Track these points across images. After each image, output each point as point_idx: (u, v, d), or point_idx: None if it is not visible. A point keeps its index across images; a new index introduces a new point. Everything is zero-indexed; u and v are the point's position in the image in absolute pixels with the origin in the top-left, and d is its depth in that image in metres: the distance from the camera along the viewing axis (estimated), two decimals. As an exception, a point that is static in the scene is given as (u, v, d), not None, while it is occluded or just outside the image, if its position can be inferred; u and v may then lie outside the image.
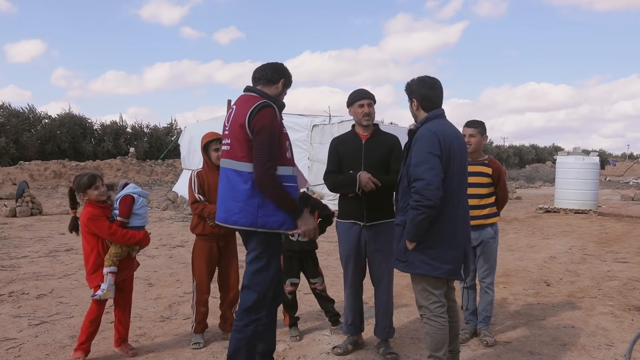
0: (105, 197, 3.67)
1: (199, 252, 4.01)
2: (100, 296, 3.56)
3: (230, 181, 2.91)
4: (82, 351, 3.61)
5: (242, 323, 2.96)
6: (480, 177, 4.03)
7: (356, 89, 3.84)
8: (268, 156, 2.80)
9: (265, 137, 2.80)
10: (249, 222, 2.87)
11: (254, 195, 2.84)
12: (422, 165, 2.90)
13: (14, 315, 4.64)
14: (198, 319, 4.00)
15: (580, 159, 13.43)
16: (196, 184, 3.90)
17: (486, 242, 4.05)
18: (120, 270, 3.66)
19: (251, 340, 2.97)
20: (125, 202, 3.68)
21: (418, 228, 2.92)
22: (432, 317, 3.05)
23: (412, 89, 3.16)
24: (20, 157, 26.81)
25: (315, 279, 4.25)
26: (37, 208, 12.70)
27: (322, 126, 13.39)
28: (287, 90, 3.14)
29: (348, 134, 3.88)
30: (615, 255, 7.82)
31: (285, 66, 3.14)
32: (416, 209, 2.90)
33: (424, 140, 2.96)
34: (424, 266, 2.99)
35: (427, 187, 2.86)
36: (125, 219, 3.67)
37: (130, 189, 3.78)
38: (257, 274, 2.95)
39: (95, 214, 3.58)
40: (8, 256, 7.39)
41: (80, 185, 3.58)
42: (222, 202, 2.99)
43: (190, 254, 7.60)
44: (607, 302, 5.21)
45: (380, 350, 3.78)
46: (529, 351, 3.88)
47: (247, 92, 3.04)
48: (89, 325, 3.62)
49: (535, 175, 34.28)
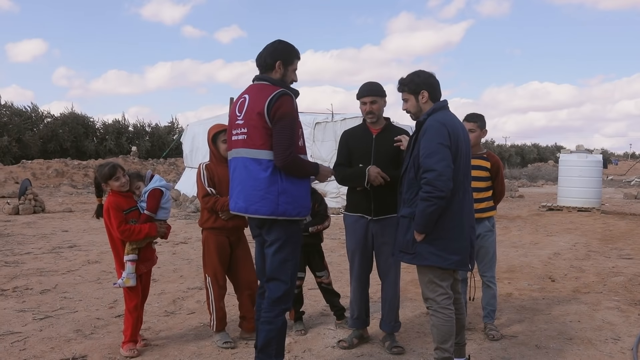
0: (126, 188, 3.64)
1: (211, 246, 3.83)
2: (120, 284, 3.57)
3: (250, 170, 2.88)
4: (133, 343, 3.64)
5: (273, 314, 2.94)
6: (478, 171, 4.02)
7: (365, 83, 3.77)
8: (289, 142, 2.81)
9: (287, 124, 2.81)
10: (270, 210, 2.84)
11: (274, 182, 2.83)
12: (433, 156, 2.88)
13: (18, 309, 4.64)
14: (219, 315, 3.84)
15: (584, 156, 13.39)
16: (206, 177, 3.79)
17: (484, 235, 4.04)
18: (143, 260, 3.65)
19: (282, 331, 2.97)
20: (154, 197, 3.66)
21: (428, 219, 2.91)
22: (439, 310, 3.03)
23: (418, 81, 3.13)
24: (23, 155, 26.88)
25: (321, 272, 4.24)
26: (40, 206, 12.71)
27: (324, 124, 13.38)
28: (291, 67, 2.99)
29: (359, 128, 3.86)
30: (620, 252, 7.80)
31: (282, 43, 3.00)
32: (427, 200, 2.88)
33: (434, 131, 2.94)
34: (433, 257, 2.97)
35: (439, 178, 2.85)
36: (153, 214, 3.65)
37: (157, 181, 3.74)
38: (283, 264, 2.93)
39: (114, 205, 3.54)
40: (12, 252, 7.39)
41: (102, 176, 3.58)
42: (241, 191, 2.93)
43: (193, 251, 7.67)
44: (612, 297, 5.19)
45: (386, 344, 3.77)
46: (536, 345, 3.86)
47: (258, 82, 3.00)
48: (131, 317, 3.64)
49: (538, 174, 34.26)
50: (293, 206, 2.87)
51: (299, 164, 2.87)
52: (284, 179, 2.85)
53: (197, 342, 3.91)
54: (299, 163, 2.88)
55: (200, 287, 5.47)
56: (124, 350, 3.62)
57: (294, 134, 2.85)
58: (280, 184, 2.84)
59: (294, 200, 2.87)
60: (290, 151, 2.81)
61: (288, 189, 2.85)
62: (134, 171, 3.91)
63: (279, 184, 2.84)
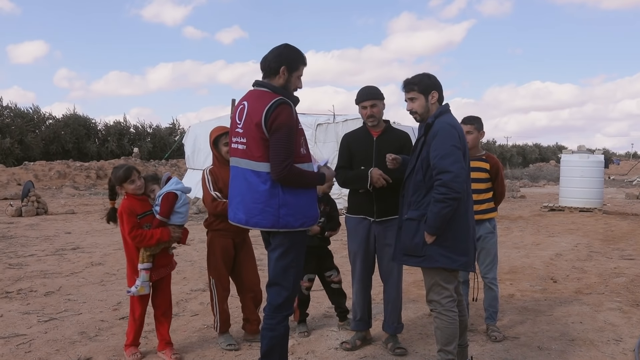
0: (141, 191, 3.55)
1: (215, 248, 3.83)
2: (133, 292, 3.48)
3: (249, 182, 2.82)
4: (135, 347, 3.63)
5: (275, 321, 2.90)
6: (478, 173, 4.04)
7: (363, 87, 3.81)
8: (285, 154, 2.72)
9: (282, 135, 2.72)
10: (271, 223, 2.79)
11: (274, 195, 2.77)
12: (448, 158, 2.91)
13: (23, 312, 4.67)
14: (223, 317, 3.85)
15: (585, 157, 13.38)
16: (211, 182, 3.76)
17: (485, 237, 4.06)
18: (157, 267, 3.57)
19: (285, 337, 2.94)
20: (167, 201, 3.52)
21: (442, 221, 2.92)
22: (444, 312, 3.05)
23: (429, 82, 3.13)
24: (25, 157, 26.93)
25: (330, 271, 4.25)
26: (43, 208, 12.75)
27: (326, 125, 13.41)
28: (296, 73, 2.90)
29: (360, 131, 3.89)
30: (622, 253, 7.81)
31: (289, 47, 2.91)
32: (443, 201, 2.90)
33: (446, 133, 2.96)
34: (443, 259, 2.98)
35: (455, 180, 2.88)
36: (165, 218, 3.53)
37: (173, 184, 3.61)
38: (286, 271, 2.88)
39: (127, 210, 3.46)
40: (15, 254, 7.42)
41: (116, 178, 3.50)
42: (241, 203, 2.87)
43: (195, 253, 7.69)
44: (614, 298, 5.20)
45: (389, 346, 3.79)
46: (538, 346, 3.88)
47: (257, 87, 2.93)
48: (134, 324, 3.60)
49: (539, 174, 34.23)
50: (295, 218, 2.81)
51: (296, 175, 2.78)
52: (284, 192, 2.78)
53: (200, 343, 3.94)
54: (297, 174, 2.79)
55: (204, 289, 5.49)
56: (127, 354, 3.61)
57: (291, 144, 2.76)
58: (281, 196, 2.77)
59: (297, 211, 2.81)
60: (286, 164, 2.72)
61: (289, 201, 2.79)
62: (151, 173, 3.81)
63: (280, 196, 2.77)
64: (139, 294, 3.51)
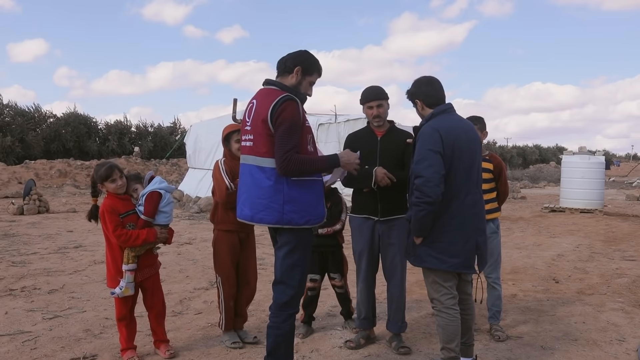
0: (123, 190, 3.49)
1: (221, 246, 3.82)
2: (118, 294, 3.42)
3: (254, 178, 2.83)
4: (130, 350, 3.57)
5: (280, 319, 2.90)
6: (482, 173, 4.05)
7: (368, 87, 3.82)
8: (287, 146, 2.71)
9: (286, 130, 2.73)
10: (275, 219, 2.79)
11: (279, 191, 2.77)
12: (422, 163, 2.95)
13: (27, 309, 4.68)
14: (229, 315, 3.85)
15: (586, 158, 13.40)
16: (226, 171, 3.72)
17: (488, 236, 4.05)
18: (141, 268, 3.51)
19: (290, 336, 2.95)
20: (151, 200, 3.47)
21: (421, 224, 2.99)
22: (444, 309, 3.08)
23: (412, 91, 3.26)
24: (26, 156, 26.96)
25: (334, 274, 4.18)
26: (44, 206, 12.76)
27: (327, 125, 13.41)
28: (309, 78, 2.95)
29: (364, 131, 3.91)
30: (623, 254, 7.83)
31: (308, 53, 2.98)
32: (417, 205, 2.96)
33: (425, 137, 3.01)
34: (432, 260, 3.04)
35: (426, 184, 2.91)
36: (150, 218, 3.47)
37: (156, 183, 3.56)
38: (292, 269, 2.87)
39: (109, 209, 3.39)
40: (18, 253, 7.44)
41: (98, 176, 3.44)
42: (247, 199, 2.89)
43: (198, 252, 7.71)
44: (616, 298, 5.22)
45: (393, 345, 3.81)
46: (541, 346, 3.89)
47: (266, 86, 2.96)
48: (119, 326, 3.56)
49: (540, 176, 34.27)
50: (300, 215, 2.80)
51: (299, 163, 2.72)
52: (289, 187, 2.77)
53: (205, 342, 3.95)
54: (299, 161, 2.73)
55: (207, 287, 5.51)
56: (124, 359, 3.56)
57: (294, 137, 2.74)
58: (286, 192, 2.77)
59: (301, 208, 2.80)
60: (287, 156, 2.70)
61: (295, 197, 2.78)
62: (134, 173, 3.76)
63: (284, 192, 2.77)
64: (124, 295, 3.44)
